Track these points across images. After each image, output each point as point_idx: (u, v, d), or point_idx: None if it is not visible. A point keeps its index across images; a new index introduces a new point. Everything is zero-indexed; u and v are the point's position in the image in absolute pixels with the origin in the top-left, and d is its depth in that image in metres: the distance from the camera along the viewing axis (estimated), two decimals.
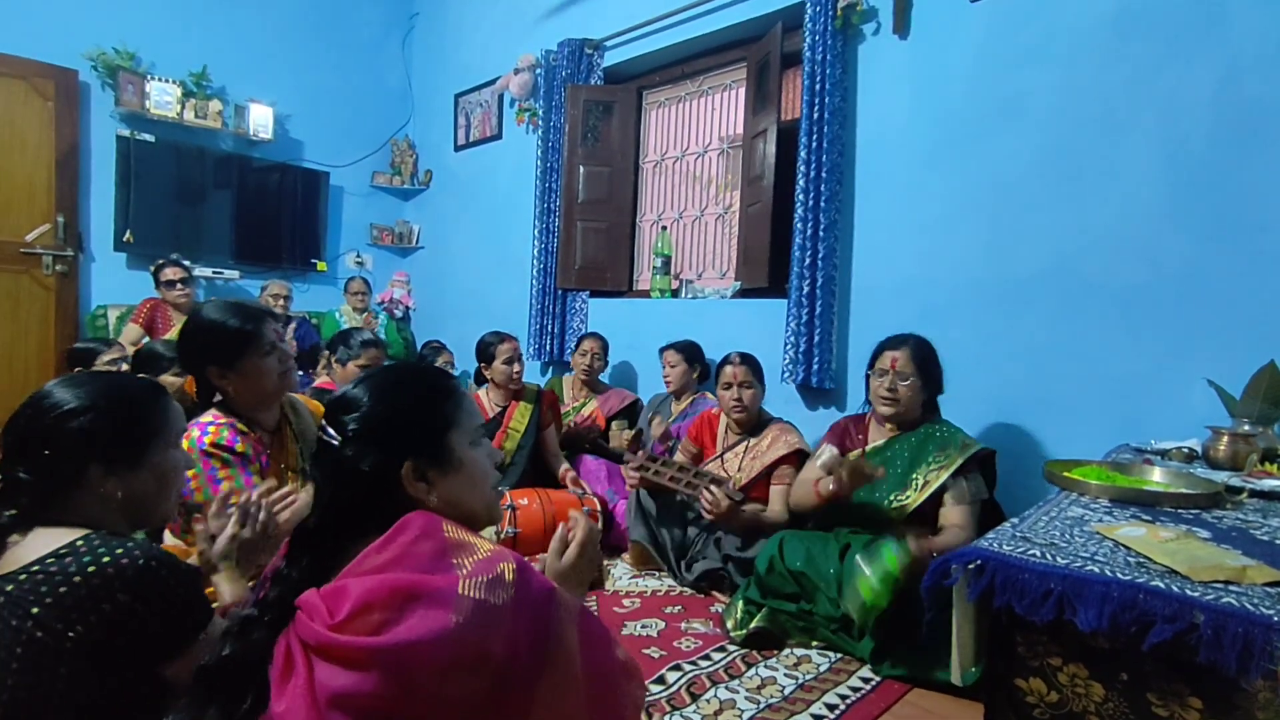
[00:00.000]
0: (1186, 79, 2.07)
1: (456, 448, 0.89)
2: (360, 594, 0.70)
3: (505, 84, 4.26)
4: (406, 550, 0.74)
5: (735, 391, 2.51)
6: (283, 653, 0.72)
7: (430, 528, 0.77)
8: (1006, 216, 2.42)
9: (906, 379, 2.06)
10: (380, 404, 0.87)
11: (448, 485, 0.87)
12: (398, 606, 0.69)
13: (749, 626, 1.97)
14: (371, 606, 0.69)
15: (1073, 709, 0.92)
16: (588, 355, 3.39)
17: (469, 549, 0.76)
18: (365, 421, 0.85)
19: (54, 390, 0.97)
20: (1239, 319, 1.98)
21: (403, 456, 0.85)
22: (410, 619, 0.68)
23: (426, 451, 0.87)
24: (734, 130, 3.50)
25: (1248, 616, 0.78)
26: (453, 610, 0.69)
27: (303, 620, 0.72)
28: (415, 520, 0.77)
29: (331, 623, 0.69)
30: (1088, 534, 1.08)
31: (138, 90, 4.04)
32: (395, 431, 0.86)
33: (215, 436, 1.43)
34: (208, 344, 1.48)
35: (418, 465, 0.85)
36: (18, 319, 3.87)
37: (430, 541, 0.75)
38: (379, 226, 5.26)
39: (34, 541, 0.86)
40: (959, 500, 1.96)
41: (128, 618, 0.83)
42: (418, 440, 0.87)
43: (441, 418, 0.90)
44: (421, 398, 0.91)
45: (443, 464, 0.88)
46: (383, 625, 0.68)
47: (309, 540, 0.84)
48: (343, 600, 0.70)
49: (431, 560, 0.74)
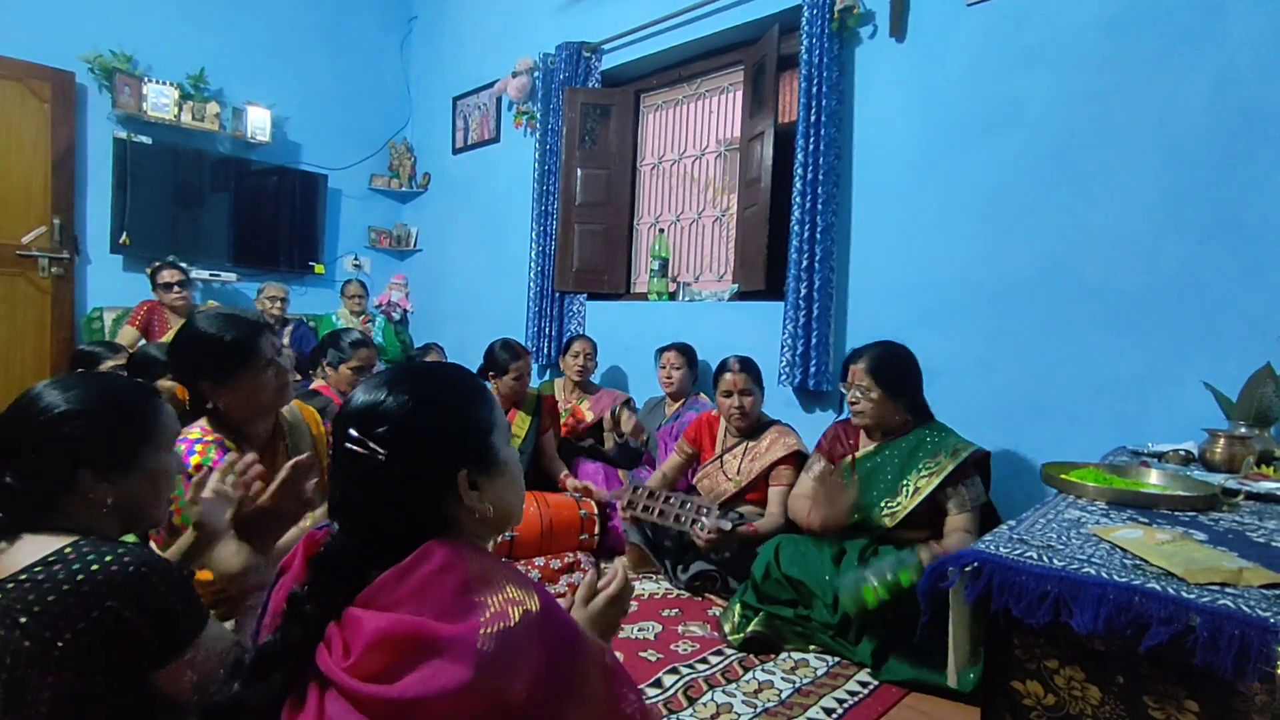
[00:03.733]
0: (1182, 82, 2.08)
1: (499, 449, 0.85)
2: (374, 632, 0.67)
3: (503, 87, 4.26)
4: (427, 583, 0.70)
5: (736, 399, 2.50)
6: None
7: (453, 559, 0.73)
8: (1003, 219, 2.42)
9: (868, 391, 2.05)
10: (428, 413, 0.81)
11: (496, 489, 0.83)
12: (411, 653, 0.66)
13: (746, 630, 1.96)
14: (384, 646, 0.67)
15: (1069, 712, 0.91)
16: (580, 357, 3.36)
17: (493, 583, 0.72)
18: (410, 432, 0.79)
19: (44, 393, 0.94)
20: (1235, 322, 1.98)
21: (458, 466, 0.80)
22: (425, 670, 0.65)
23: (478, 458, 0.82)
24: (731, 133, 3.51)
25: (1244, 619, 0.78)
26: (469, 664, 0.66)
27: (321, 650, 0.70)
28: (437, 550, 0.73)
29: (346, 661, 0.67)
30: (1084, 536, 1.08)
31: (134, 92, 4.03)
32: (446, 440, 0.81)
33: (201, 457, 1.37)
34: (200, 357, 1.42)
35: (470, 473, 0.80)
36: (13, 322, 3.86)
37: (452, 575, 0.71)
38: (377, 229, 5.26)
39: (23, 548, 0.85)
40: (961, 508, 1.96)
41: (117, 625, 0.81)
42: (470, 447, 0.82)
43: (483, 420, 0.85)
44: (466, 402, 0.85)
45: (490, 469, 0.83)
46: (393, 670, 0.66)
47: (334, 564, 0.77)
48: (357, 636, 0.68)
49: (454, 598, 0.70)
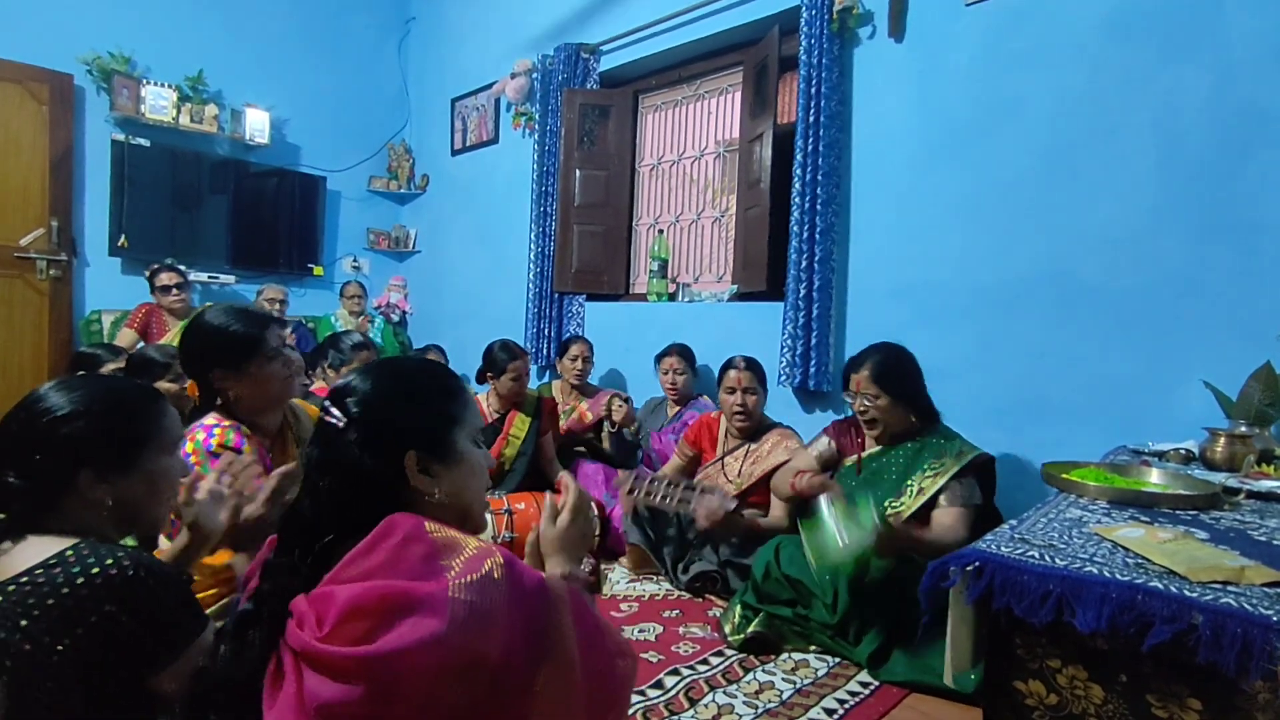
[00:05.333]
0: (1181, 82, 2.08)
1: (459, 443, 0.88)
2: (347, 601, 0.69)
3: (502, 88, 4.26)
4: (395, 554, 0.72)
5: (739, 397, 2.50)
6: (273, 661, 0.72)
7: (416, 530, 0.75)
8: (1002, 219, 2.42)
9: (876, 399, 2.05)
10: (387, 392, 0.86)
11: (451, 478, 0.86)
12: (387, 615, 0.68)
13: (746, 631, 1.96)
14: (359, 614, 0.68)
15: (1072, 711, 0.91)
16: (578, 360, 3.34)
17: (456, 548, 0.75)
18: (369, 407, 0.83)
19: (48, 394, 0.95)
20: (1235, 320, 1.98)
21: (406, 446, 0.83)
22: (400, 627, 0.67)
23: (430, 444, 0.85)
24: (731, 134, 3.51)
25: (1246, 617, 0.78)
26: (443, 617, 0.68)
27: (292, 628, 0.71)
28: (400, 522, 0.75)
29: (319, 633, 0.68)
30: (1086, 535, 1.08)
31: (133, 94, 4.03)
32: (400, 420, 0.85)
33: (222, 438, 1.42)
34: (213, 347, 1.47)
35: (421, 457, 0.84)
36: (11, 324, 3.85)
37: (418, 544, 0.74)
38: (376, 231, 5.25)
39: (25, 550, 0.85)
40: (951, 502, 1.95)
41: (115, 629, 0.81)
42: (422, 432, 0.85)
43: (447, 413, 0.89)
44: (429, 390, 0.89)
45: (445, 458, 0.86)
46: (371, 633, 0.67)
47: (299, 529, 0.81)
48: (329, 608, 0.69)
49: (421, 564, 0.72)
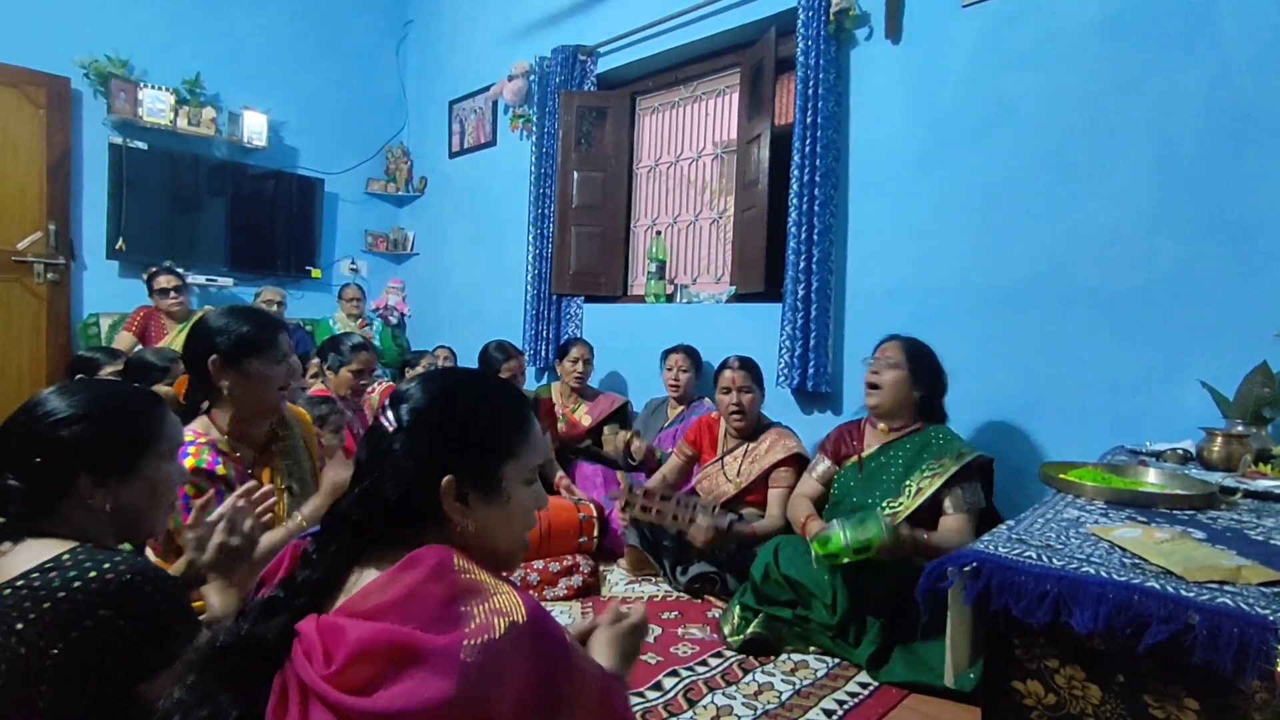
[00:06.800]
0: (1177, 82, 2.09)
1: (507, 479, 0.80)
2: (356, 642, 0.66)
3: (499, 90, 4.26)
4: (413, 592, 0.68)
5: (734, 396, 2.50)
6: (279, 688, 0.70)
7: (442, 567, 0.70)
8: (999, 220, 2.43)
9: (894, 366, 2.06)
10: (442, 407, 0.80)
11: (486, 515, 0.79)
12: (395, 664, 0.65)
13: (746, 632, 1.96)
14: (367, 658, 0.65)
15: (1070, 711, 0.91)
16: (578, 363, 3.33)
17: (481, 593, 0.70)
18: (420, 419, 0.78)
19: (49, 398, 0.96)
20: (1231, 320, 1.99)
21: (447, 468, 0.76)
22: (406, 682, 0.64)
23: (475, 472, 0.78)
24: (728, 135, 3.51)
25: (1243, 617, 0.78)
26: (452, 678, 0.64)
27: (300, 657, 0.69)
28: (425, 557, 0.71)
29: (326, 670, 0.66)
30: (1083, 535, 1.08)
31: (130, 98, 4.02)
32: (448, 440, 0.78)
33: (195, 459, 1.37)
34: (220, 335, 1.43)
35: (460, 483, 0.77)
36: (9, 328, 3.85)
37: (439, 584, 0.69)
38: (374, 233, 5.25)
39: (22, 553, 0.85)
40: (956, 508, 1.96)
41: (110, 634, 0.81)
42: (469, 457, 0.79)
43: (503, 444, 0.81)
44: (488, 415, 0.81)
45: (487, 491, 0.79)
46: (376, 681, 0.65)
47: (339, 527, 0.76)
48: (339, 645, 0.67)
49: (440, 609, 0.68)
